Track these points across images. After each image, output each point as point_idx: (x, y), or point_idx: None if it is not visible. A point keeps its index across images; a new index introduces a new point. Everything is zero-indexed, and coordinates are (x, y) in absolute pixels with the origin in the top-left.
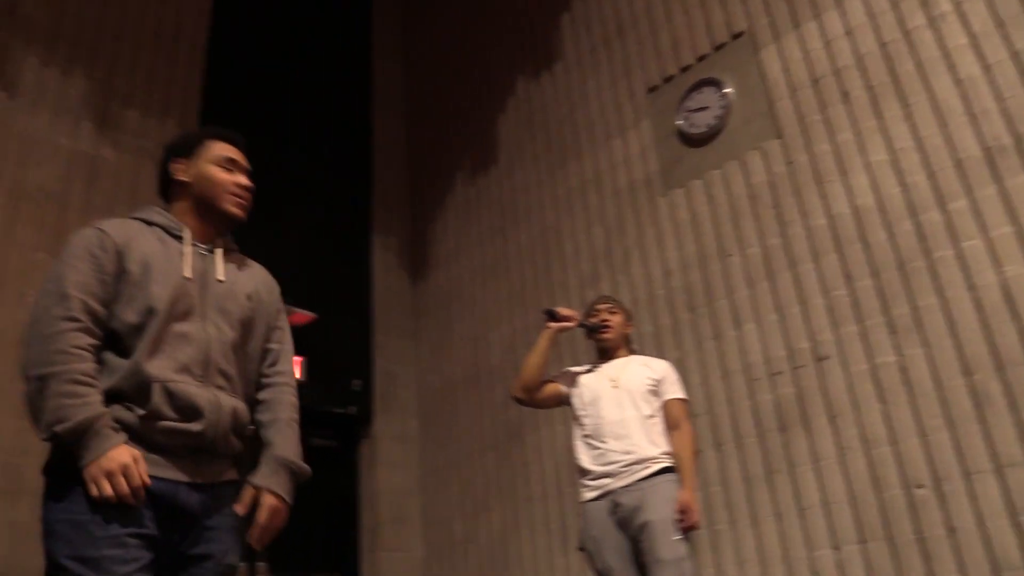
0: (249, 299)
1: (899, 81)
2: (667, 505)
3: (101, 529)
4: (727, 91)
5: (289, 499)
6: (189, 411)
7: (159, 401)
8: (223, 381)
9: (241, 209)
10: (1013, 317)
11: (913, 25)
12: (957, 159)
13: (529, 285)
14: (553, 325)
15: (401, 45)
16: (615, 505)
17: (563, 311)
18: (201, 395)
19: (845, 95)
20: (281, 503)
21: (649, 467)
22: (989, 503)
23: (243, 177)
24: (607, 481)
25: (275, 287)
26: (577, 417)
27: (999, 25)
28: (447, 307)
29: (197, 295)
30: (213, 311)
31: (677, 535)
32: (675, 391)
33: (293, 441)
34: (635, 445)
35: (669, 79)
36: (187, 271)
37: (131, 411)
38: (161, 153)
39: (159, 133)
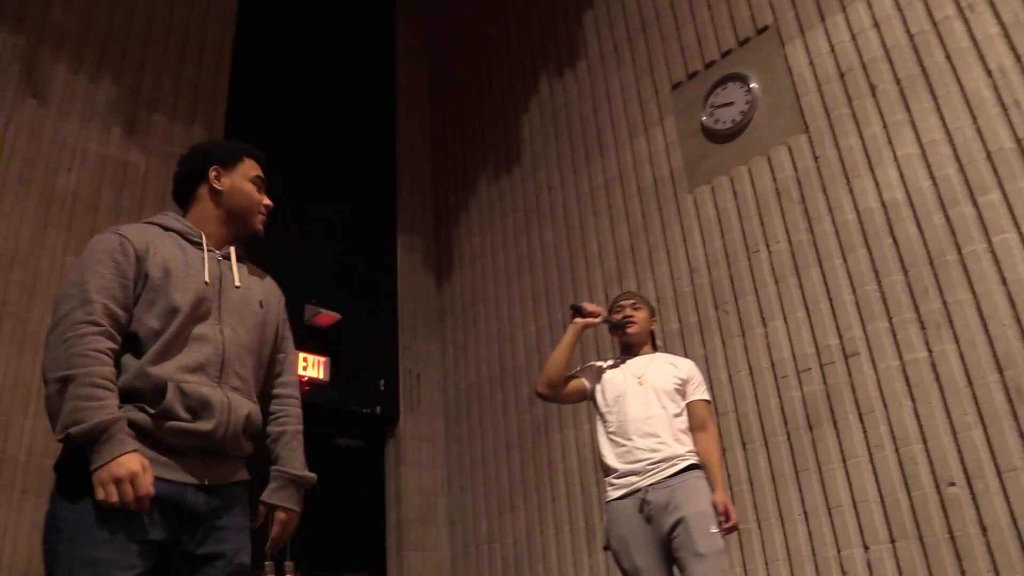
0: (261, 306)
1: (928, 73)
2: (701, 499)
3: (104, 532)
4: (753, 86)
5: (299, 508)
6: (201, 411)
7: (172, 400)
8: (238, 383)
9: (263, 227)
10: None
11: (943, 16)
12: (989, 151)
13: (554, 284)
14: (579, 320)
15: (425, 46)
16: (643, 503)
17: (589, 306)
18: (214, 395)
19: (873, 88)
20: (292, 515)
21: (676, 464)
22: (1023, 501)
23: (267, 198)
24: (634, 479)
25: (281, 296)
26: (601, 414)
27: None
28: (472, 307)
29: (216, 299)
30: (230, 315)
31: (714, 528)
32: (701, 392)
33: (299, 453)
34: (662, 443)
35: (693, 75)
36: (207, 276)
37: (143, 411)
38: (194, 156)
39: (186, 138)
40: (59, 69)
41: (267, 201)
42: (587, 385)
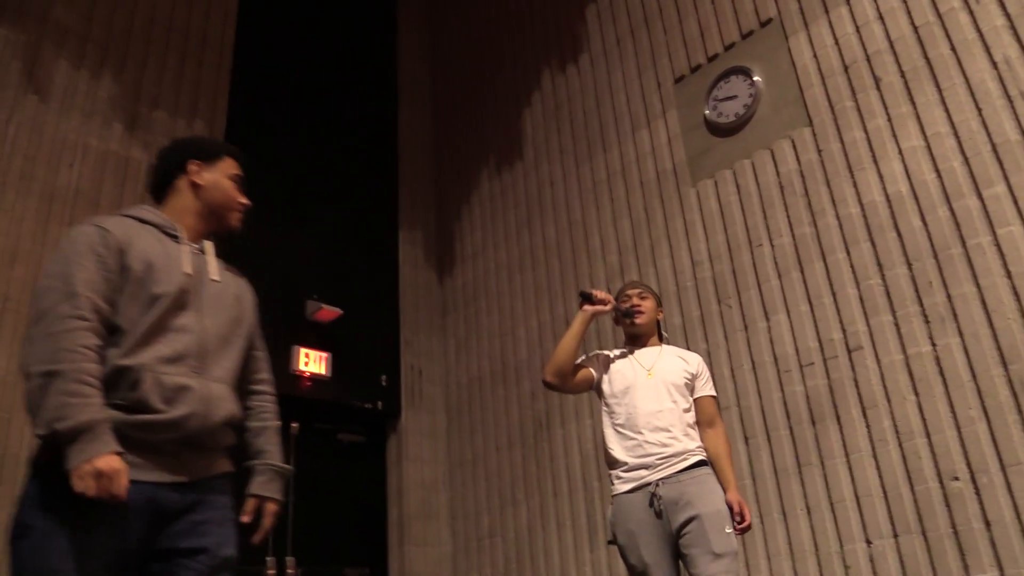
0: (237, 301)
1: (933, 65)
2: (715, 497)
3: (74, 542)
4: (756, 79)
5: (283, 499)
6: (176, 399)
7: (148, 390)
8: (219, 374)
9: (240, 224)
10: None
11: (948, 7)
12: (994, 143)
13: (556, 279)
14: (588, 308)
15: (427, 40)
16: (653, 497)
17: (599, 294)
18: (194, 385)
19: (877, 81)
20: (277, 505)
21: (687, 459)
22: None
23: (244, 196)
24: (643, 473)
25: (253, 294)
26: (608, 405)
27: None
28: (474, 302)
29: (194, 292)
30: (209, 307)
31: (729, 528)
32: (709, 388)
33: (278, 446)
34: (673, 437)
35: (696, 68)
36: (187, 267)
37: (118, 408)
38: (174, 150)
39: (187, 134)
40: (60, 66)
41: (245, 200)
42: (594, 375)
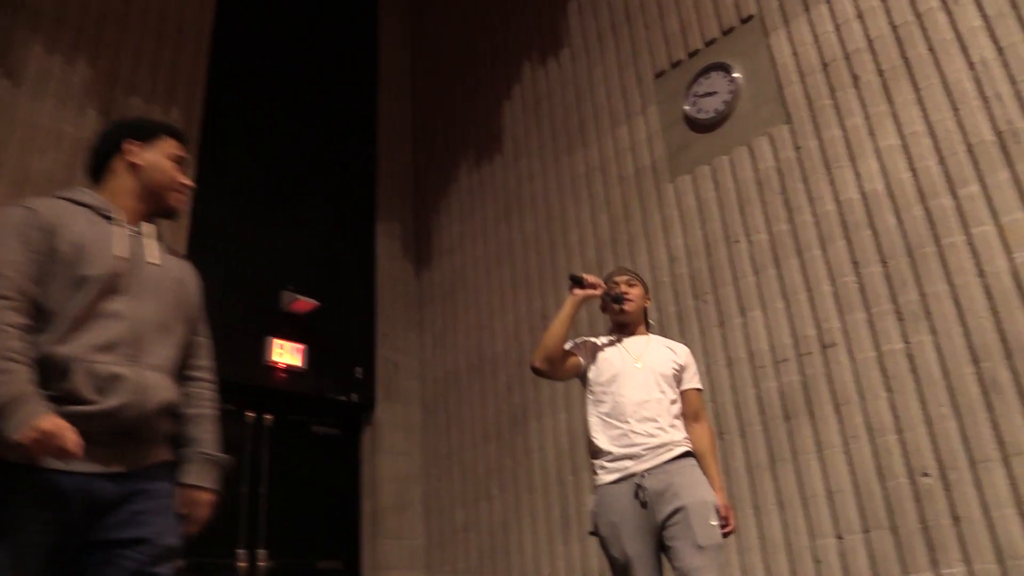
0: (177, 284)
1: (911, 64)
2: (701, 488)
3: (6, 534)
4: (736, 76)
5: (218, 488)
6: (110, 390)
7: (79, 381)
8: (154, 361)
9: (182, 205)
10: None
11: (926, 7)
12: (969, 143)
13: (534, 273)
14: (579, 292)
15: (408, 31)
16: (638, 488)
17: (590, 278)
18: (128, 374)
19: (856, 79)
20: (210, 495)
21: (673, 449)
22: (996, 492)
23: (186, 177)
24: (628, 463)
25: (197, 279)
26: (593, 393)
27: (1014, 6)
28: (451, 295)
29: (129, 275)
30: (145, 292)
31: (714, 521)
32: (696, 381)
33: (214, 435)
34: (660, 428)
35: (677, 64)
36: (119, 251)
37: (50, 398)
38: (111, 130)
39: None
40: (34, 50)
41: (186, 180)
42: (582, 362)
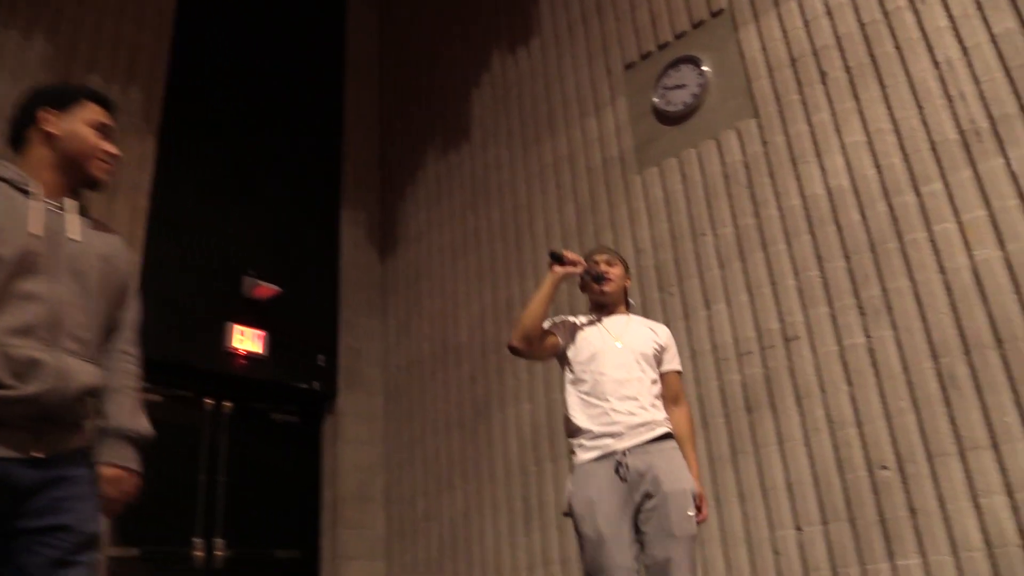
0: (103, 260)
1: (878, 62)
2: (682, 476)
3: None
4: (705, 69)
5: (135, 466)
6: (28, 375)
7: None
8: (74, 345)
9: (107, 176)
10: (982, 301)
11: (894, 6)
12: (933, 141)
13: (499, 263)
14: (559, 269)
15: (377, 16)
16: (619, 465)
17: (570, 255)
18: (46, 359)
19: (824, 75)
20: (124, 472)
21: (654, 429)
22: (952, 486)
23: (112, 145)
24: (609, 441)
25: (128, 252)
26: (573, 372)
27: (978, 7)
28: (415, 284)
29: (47, 253)
30: (65, 271)
31: (691, 511)
32: (677, 363)
33: (129, 408)
34: (641, 407)
35: (647, 56)
36: (34, 227)
37: None
38: (26, 98)
39: (124, 101)
40: None
41: (110, 148)
42: (560, 341)
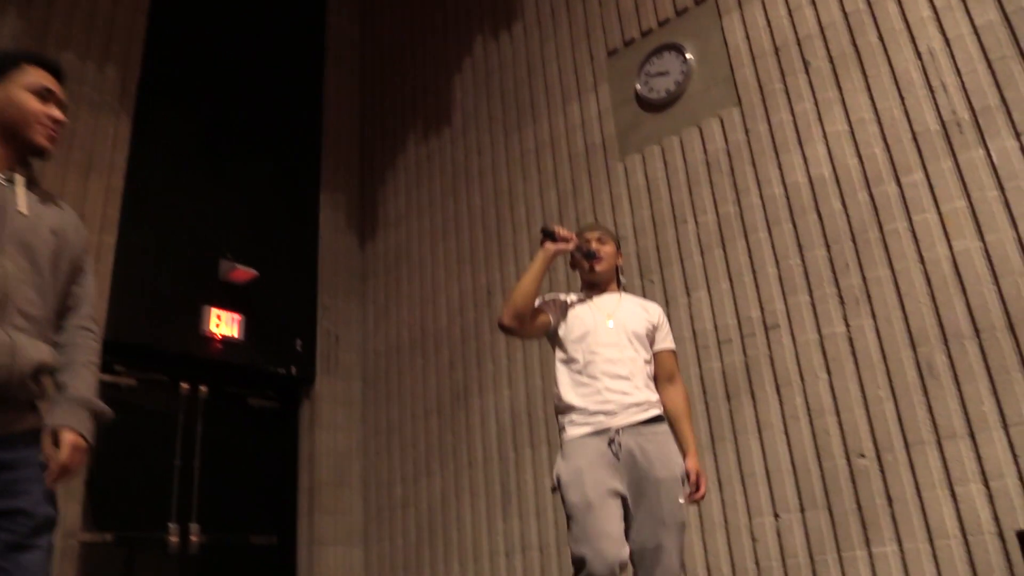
0: (54, 234)
1: (861, 52)
2: (673, 463)
3: None
4: (688, 57)
5: (90, 438)
6: None
7: None
8: (23, 322)
9: (51, 142)
10: (961, 291)
11: None
12: (914, 132)
13: (479, 248)
14: (550, 246)
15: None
16: (611, 441)
17: (562, 231)
18: None
19: (806, 64)
20: (82, 440)
21: (648, 410)
22: (928, 474)
23: (57, 110)
24: (602, 418)
25: (81, 226)
26: (565, 351)
27: None
28: (395, 268)
29: None
30: (13, 245)
31: (682, 499)
32: (670, 341)
33: (89, 382)
34: (634, 386)
35: (630, 43)
36: None
37: None
38: None
39: (98, 79)
40: None
41: (54, 113)
42: (551, 319)
